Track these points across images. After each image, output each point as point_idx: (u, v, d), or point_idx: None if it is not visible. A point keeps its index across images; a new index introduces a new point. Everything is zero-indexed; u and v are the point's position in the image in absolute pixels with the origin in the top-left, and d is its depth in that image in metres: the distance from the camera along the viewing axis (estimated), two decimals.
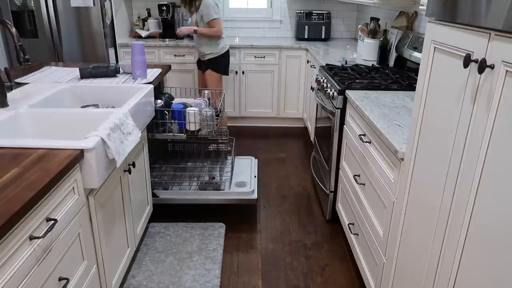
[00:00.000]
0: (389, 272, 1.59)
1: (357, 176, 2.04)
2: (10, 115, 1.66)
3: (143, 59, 2.37)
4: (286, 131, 4.20)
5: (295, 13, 4.36)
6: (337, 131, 2.37)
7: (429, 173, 1.25)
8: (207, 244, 2.34)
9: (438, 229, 1.19)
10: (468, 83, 1.02)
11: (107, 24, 3.77)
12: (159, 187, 2.58)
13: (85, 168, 1.39)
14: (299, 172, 3.29)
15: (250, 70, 4.06)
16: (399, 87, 2.31)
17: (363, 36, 3.37)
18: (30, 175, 1.17)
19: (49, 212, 1.19)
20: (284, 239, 2.44)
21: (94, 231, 1.54)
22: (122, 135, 1.62)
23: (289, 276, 2.13)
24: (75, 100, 2.16)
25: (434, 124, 1.21)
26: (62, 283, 1.28)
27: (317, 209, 2.76)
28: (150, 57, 3.91)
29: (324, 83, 2.62)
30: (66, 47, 3.74)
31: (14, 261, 1.03)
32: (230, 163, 2.89)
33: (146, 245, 2.32)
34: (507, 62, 0.87)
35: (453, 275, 1.11)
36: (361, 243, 2.00)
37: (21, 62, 1.62)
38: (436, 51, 1.20)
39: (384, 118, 1.80)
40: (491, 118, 0.93)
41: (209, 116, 2.43)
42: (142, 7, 4.39)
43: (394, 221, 1.54)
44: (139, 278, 2.06)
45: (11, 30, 1.59)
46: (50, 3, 3.57)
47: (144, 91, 2.07)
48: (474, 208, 1.01)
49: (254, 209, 2.74)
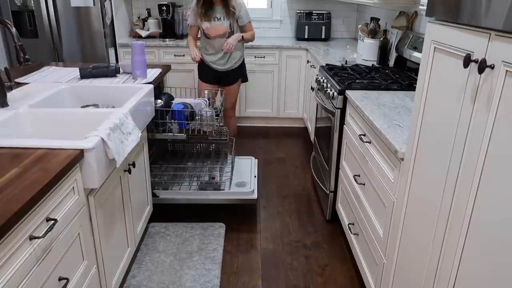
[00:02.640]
0: (389, 272, 1.59)
1: (357, 176, 2.04)
2: (10, 115, 1.66)
3: (143, 59, 2.37)
4: (286, 131, 4.20)
5: (295, 13, 4.36)
6: (337, 131, 2.37)
7: (429, 173, 1.25)
8: (207, 244, 2.34)
9: (438, 229, 1.19)
10: (468, 83, 1.02)
11: (107, 24, 3.77)
12: (159, 187, 2.58)
13: (85, 168, 1.39)
14: (299, 172, 3.29)
15: (250, 70, 4.04)
16: (399, 87, 2.31)
17: (363, 36, 3.37)
18: (30, 175, 1.17)
19: (49, 212, 1.19)
20: (284, 239, 2.44)
21: (94, 231, 1.54)
22: (122, 135, 1.62)
23: (289, 276, 2.13)
24: (75, 100, 2.16)
25: (434, 124, 1.21)
26: (62, 283, 1.28)
27: (317, 209, 2.76)
28: (150, 57, 3.91)
29: (324, 83, 2.62)
30: (66, 47, 3.74)
31: (14, 261, 1.03)
32: (230, 163, 2.90)
33: (146, 245, 2.32)
34: (507, 62, 0.87)
35: (453, 275, 1.11)
36: (361, 243, 2.00)
37: (21, 62, 1.62)
38: (436, 51, 1.20)
39: (384, 118, 1.80)
40: (491, 118, 0.93)
41: (209, 116, 2.43)
42: (142, 7, 4.39)
43: (394, 221, 1.54)
44: (139, 278, 2.06)
45: (11, 30, 1.59)
46: (50, 3, 3.57)
47: (144, 91, 2.07)
48: (474, 208, 1.01)
49: (254, 209, 2.74)
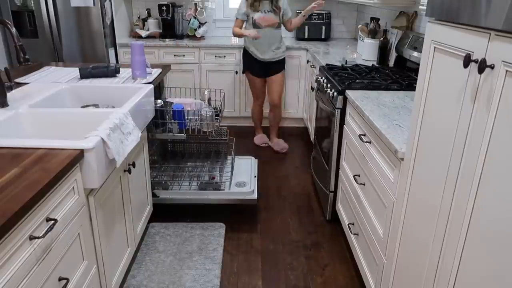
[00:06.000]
0: (389, 272, 1.59)
1: (357, 176, 2.04)
2: (10, 115, 1.66)
3: (143, 59, 2.37)
4: (286, 131, 4.20)
5: (295, 13, 4.35)
6: (337, 131, 2.37)
7: (429, 173, 1.25)
8: (207, 244, 2.34)
9: (438, 229, 1.19)
10: (468, 83, 1.02)
11: (107, 24, 3.77)
12: (159, 187, 2.58)
13: (85, 168, 1.39)
14: (299, 172, 3.29)
15: None
16: (399, 87, 2.31)
17: (363, 36, 3.37)
18: (30, 175, 1.17)
19: (49, 212, 1.19)
20: (284, 239, 2.44)
21: (94, 231, 1.54)
22: (122, 135, 1.62)
23: (289, 276, 2.13)
24: (75, 100, 2.16)
25: (434, 124, 1.21)
26: (62, 283, 1.28)
27: (317, 209, 2.76)
28: (150, 57, 3.91)
29: (324, 83, 2.62)
30: (66, 47, 3.74)
31: (14, 261, 1.03)
32: (230, 163, 2.89)
33: (146, 245, 2.32)
34: (507, 62, 0.87)
35: (453, 275, 1.11)
36: (361, 243, 2.00)
37: (21, 62, 1.62)
38: (436, 51, 1.20)
39: (384, 118, 1.80)
40: (491, 118, 0.93)
41: (209, 116, 2.43)
42: (142, 7, 4.39)
43: (394, 221, 1.54)
44: (139, 278, 2.06)
45: (11, 30, 1.59)
46: (50, 3, 3.57)
47: (144, 91, 2.07)
48: (474, 208, 1.01)
49: (254, 209, 2.74)
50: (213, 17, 4.46)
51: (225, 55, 3.95)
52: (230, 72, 3.99)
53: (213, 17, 4.47)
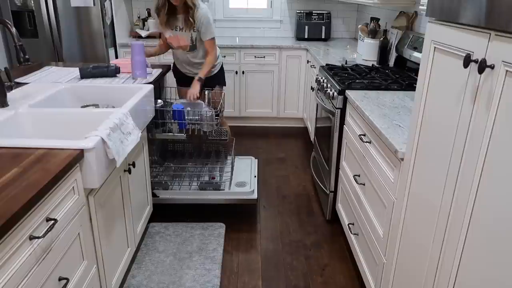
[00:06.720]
0: (389, 272, 1.59)
1: (357, 176, 2.04)
2: (10, 115, 1.66)
3: (143, 59, 2.37)
4: (286, 131, 4.20)
5: (295, 13, 4.36)
6: (337, 131, 2.37)
7: (429, 173, 1.25)
8: (207, 244, 2.34)
9: (438, 229, 1.19)
10: (468, 83, 1.02)
11: (107, 24, 3.77)
12: (159, 187, 2.58)
13: (85, 168, 1.39)
14: (299, 172, 3.29)
15: (250, 70, 4.06)
16: (399, 87, 2.31)
17: (363, 36, 3.37)
18: (30, 175, 1.17)
19: (49, 212, 1.19)
20: (284, 239, 2.44)
21: (94, 231, 1.54)
22: (122, 135, 1.61)
23: (289, 276, 2.13)
24: (75, 100, 2.16)
25: (434, 124, 1.21)
26: (62, 283, 1.28)
27: (317, 209, 2.76)
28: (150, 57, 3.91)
29: (324, 83, 2.62)
30: (66, 47, 3.74)
31: (14, 261, 1.03)
32: (230, 163, 2.89)
33: (146, 245, 2.32)
34: (507, 62, 0.87)
35: (453, 275, 1.11)
36: (361, 243, 2.00)
37: (21, 62, 1.62)
38: (436, 51, 1.20)
39: (384, 118, 1.80)
40: (491, 118, 0.93)
41: (209, 116, 2.43)
42: (142, 7, 4.39)
43: (394, 221, 1.54)
44: (139, 278, 2.06)
45: (11, 30, 1.59)
46: (50, 3, 3.57)
47: (144, 91, 2.07)
48: (474, 208, 1.01)
49: (254, 209, 2.73)
50: (213, 17, 4.46)
51: (225, 55, 3.95)
52: (230, 72, 3.99)
53: (213, 17, 4.47)
